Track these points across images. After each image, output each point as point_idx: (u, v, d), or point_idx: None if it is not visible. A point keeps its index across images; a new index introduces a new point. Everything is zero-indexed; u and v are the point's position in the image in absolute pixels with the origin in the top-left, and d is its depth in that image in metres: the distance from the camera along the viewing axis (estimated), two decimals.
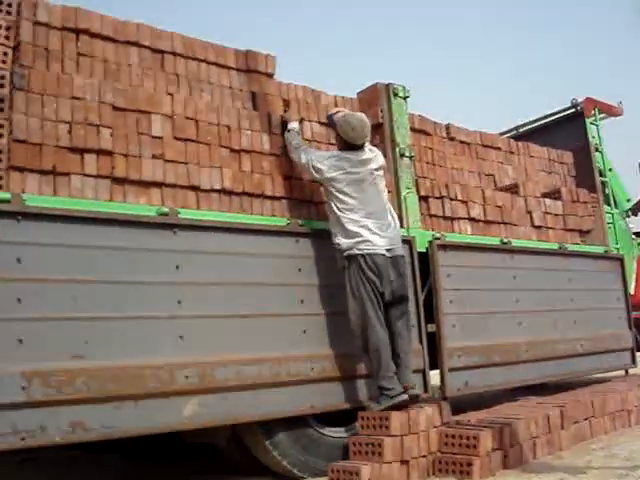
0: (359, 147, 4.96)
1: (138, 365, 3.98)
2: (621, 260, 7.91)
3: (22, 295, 3.68)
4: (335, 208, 4.83)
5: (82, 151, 4.16)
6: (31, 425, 3.61)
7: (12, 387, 3.56)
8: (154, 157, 4.43)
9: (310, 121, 5.44)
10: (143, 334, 4.05)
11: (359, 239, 4.74)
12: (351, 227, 4.76)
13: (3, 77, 4.05)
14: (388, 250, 4.83)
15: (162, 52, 4.85)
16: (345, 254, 4.77)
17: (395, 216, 5.09)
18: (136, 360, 3.98)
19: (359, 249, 4.73)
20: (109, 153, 4.25)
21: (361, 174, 4.87)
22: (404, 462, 4.47)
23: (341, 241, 4.78)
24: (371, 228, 4.79)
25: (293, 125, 5.08)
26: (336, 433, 4.98)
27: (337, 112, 5.21)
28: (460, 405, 5.76)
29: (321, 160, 4.87)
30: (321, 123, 5.50)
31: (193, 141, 4.65)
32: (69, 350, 3.79)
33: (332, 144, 5.43)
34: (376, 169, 4.99)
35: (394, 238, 4.93)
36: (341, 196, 4.82)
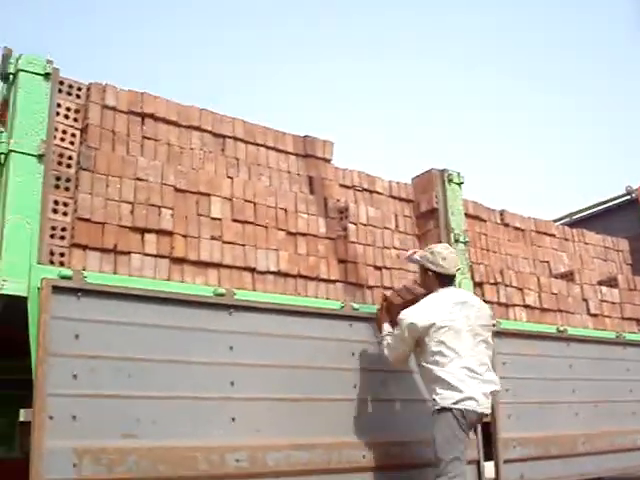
0: (452, 279, 4.59)
1: (189, 447, 3.93)
2: None
3: (78, 371, 3.70)
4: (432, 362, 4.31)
5: (143, 231, 4.26)
6: None
7: (64, 464, 3.55)
8: (212, 238, 4.50)
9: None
10: (195, 415, 4.03)
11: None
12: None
13: (70, 157, 4.21)
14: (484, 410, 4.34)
15: (223, 136, 4.99)
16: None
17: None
18: (187, 441, 3.94)
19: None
20: (169, 233, 4.34)
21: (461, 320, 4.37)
22: None
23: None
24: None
25: (387, 327, 4.65)
26: None
27: (413, 252, 4.83)
28: None
29: (414, 325, 4.33)
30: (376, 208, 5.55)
31: (251, 223, 4.72)
32: (121, 428, 3.78)
33: (387, 228, 5.48)
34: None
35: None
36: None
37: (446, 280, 4.53)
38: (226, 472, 4.02)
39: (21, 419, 3.59)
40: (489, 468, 5.41)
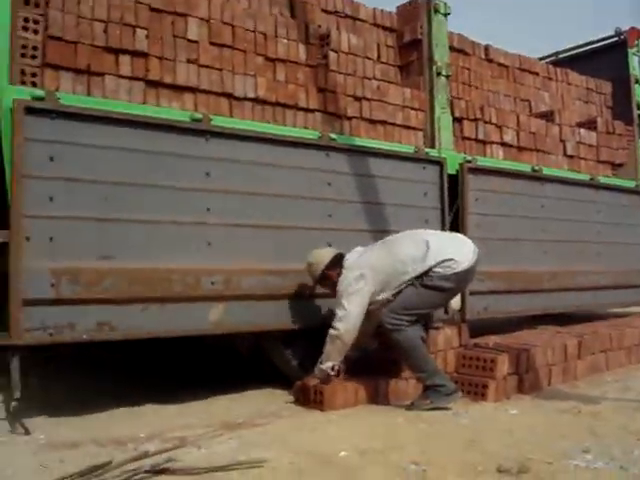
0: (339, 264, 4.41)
1: (165, 269, 4.03)
2: None
3: (54, 194, 3.71)
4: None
5: (117, 51, 4.13)
6: (59, 322, 3.70)
7: (42, 283, 3.64)
8: (189, 61, 4.39)
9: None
10: (171, 239, 4.09)
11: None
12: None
13: None
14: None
15: None
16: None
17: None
18: (164, 264, 4.03)
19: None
20: (144, 55, 4.22)
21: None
22: (420, 380, 4.53)
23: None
24: None
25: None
26: None
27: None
28: (479, 330, 5.80)
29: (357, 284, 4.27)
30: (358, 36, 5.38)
31: (229, 47, 4.58)
32: (98, 250, 3.84)
33: (369, 58, 5.37)
34: None
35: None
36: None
37: (335, 267, 4.39)
38: (201, 294, 4.15)
39: None
40: (455, 300, 5.60)
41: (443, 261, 4.26)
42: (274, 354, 4.82)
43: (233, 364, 5.58)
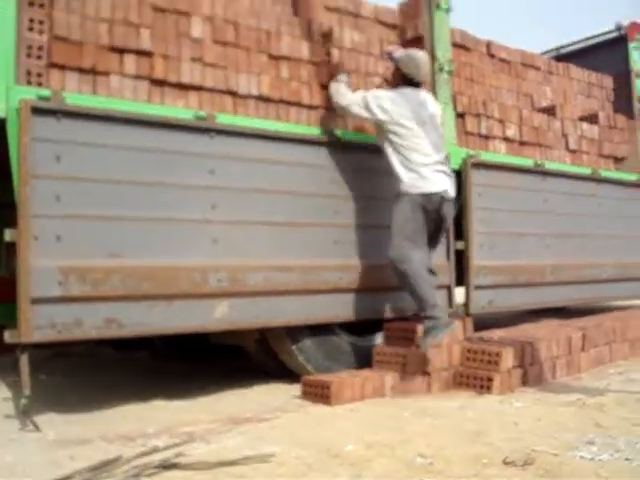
0: (417, 86, 4.82)
1: (172, 266, 4.06)
2: None
3: (61, 192, 3.74)
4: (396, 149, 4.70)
5: (121, 51, 4.13)
6: (67, 319, 3.73)
7: (49, 282, 3.66)
8: (193, 60, 4.38)
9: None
10: (178, 236, 4.12)
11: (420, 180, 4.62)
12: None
13: None
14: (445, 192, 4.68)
15: None
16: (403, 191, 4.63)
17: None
18: (170, 261, 4.06)
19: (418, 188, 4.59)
20: (148, 54, 4.22)
21: (423, 116, 4.72)
22: (426, 374, 4.58)
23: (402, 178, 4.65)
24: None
25: (342, 77, 4.90)
26: (360, 342, 5.09)
27: (395, 49, 4.99)
28: (483, 325, 5.83)
29: (383, 100, 4.68)
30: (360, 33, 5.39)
31: (232, 45, 4.58)
32: (105, 248, 3.87)
33: (372, 54, 5.38)
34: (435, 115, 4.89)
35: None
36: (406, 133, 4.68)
37: (412, 84, 4.79)
38: (208, 290, 4.18)
39: (7, 239, 3.64)
40: (460, 293, 5.64)
41: (413, 170, 4.58)
42: (280, 350, 4.86)
43: (240, 361, 5.62)
